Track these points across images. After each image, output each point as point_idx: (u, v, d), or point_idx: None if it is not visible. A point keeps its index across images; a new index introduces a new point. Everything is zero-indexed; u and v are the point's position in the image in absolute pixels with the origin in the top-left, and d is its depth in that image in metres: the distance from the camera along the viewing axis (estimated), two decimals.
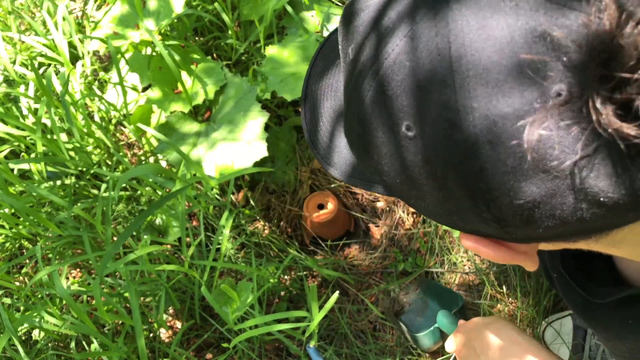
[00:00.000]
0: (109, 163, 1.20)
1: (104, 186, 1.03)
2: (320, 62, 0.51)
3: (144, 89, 1.25)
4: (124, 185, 1.14)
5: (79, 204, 1.04)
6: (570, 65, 0.26)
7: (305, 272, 1.14)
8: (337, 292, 0.91)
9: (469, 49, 0.29)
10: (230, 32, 1.24)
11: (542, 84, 0.27)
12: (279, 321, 0.95)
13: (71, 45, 1.33)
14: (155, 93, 1.13)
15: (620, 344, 0.57)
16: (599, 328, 0.59)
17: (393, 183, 0.37)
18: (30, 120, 1.17)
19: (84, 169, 1.14)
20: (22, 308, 1.01)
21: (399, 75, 0.32)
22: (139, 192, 1.14)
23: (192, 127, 1.12)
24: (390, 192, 0.41)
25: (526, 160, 0.28)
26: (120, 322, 1.06)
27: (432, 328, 0.94)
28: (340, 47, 0.41)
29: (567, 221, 0.30)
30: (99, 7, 1.47)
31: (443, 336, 0.95)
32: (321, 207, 1.16)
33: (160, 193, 1.10)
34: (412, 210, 1.18)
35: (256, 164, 1.05)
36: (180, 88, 1.12)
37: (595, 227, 0.31)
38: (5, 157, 1.19)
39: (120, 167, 1.19)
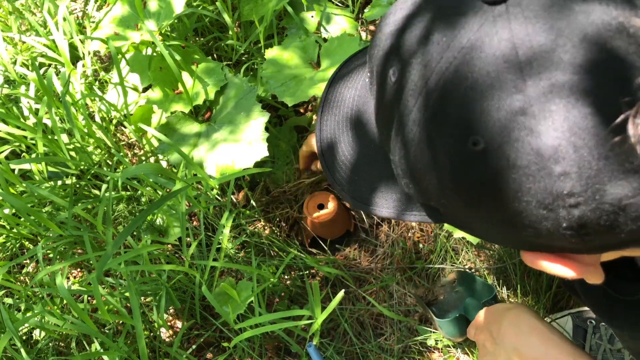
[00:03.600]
0: (110, 163, 1.20)
1: (104, 186, 1.03)
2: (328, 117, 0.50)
3: (145, 89, 1.25)
4: (125, 185, 1.14)
5: (79, 204, 1.04)
6: None
7: (306, 272, 1.14)
8: (343, 290, 0.92)
9: (539, 51, 0.27)
10: (230, 32, 1.24)
11: (626, 76, 0.26)
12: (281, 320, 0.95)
13: (72, 45, 1.34)
14: (155, 93, 1.13)
15: None
16: (626, 327, 0.56)
17: (451, 206, 0.35)
18: (31, 120, 1.17)
19: (85, 169, 1.14)
20: (23, 308, 1.01)
21: (460, 87, 0.30)
22: (139, 192, 1.14)
23: (192, 127, 1.12)
24: (440, 217, 0.38)
25: (620, 157, 0.26)
26: (120, 321, 1.06)
27: (457, 315, 0.93)
28: (372, 73, 0.39)
29: None
30: (99, 8, 1.47)
31: None
32: (321, 207, 1.16)
33: (160, 193, 1.10)
34: None
35: (257, 164, 1.05)
36: (180, 88, 1.13)
37: None
38: (6, 157, 1.19)
39: (121, 167, 1.19)
